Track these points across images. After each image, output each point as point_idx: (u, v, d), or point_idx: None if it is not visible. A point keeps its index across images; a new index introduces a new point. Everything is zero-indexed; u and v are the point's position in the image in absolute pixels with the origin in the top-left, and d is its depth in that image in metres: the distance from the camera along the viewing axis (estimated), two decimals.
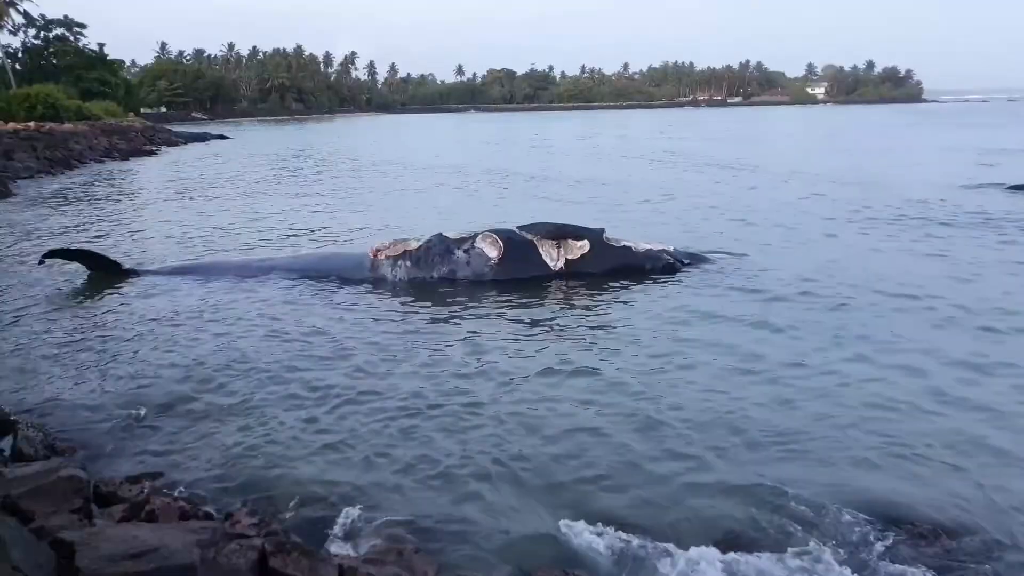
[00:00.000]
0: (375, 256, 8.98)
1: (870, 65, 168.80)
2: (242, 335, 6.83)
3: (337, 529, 3.71)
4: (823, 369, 5.77)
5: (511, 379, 5.66)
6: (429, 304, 7.90)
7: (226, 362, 6.11)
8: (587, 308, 7.73)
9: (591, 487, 4.14)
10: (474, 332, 6.92)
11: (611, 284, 8.52)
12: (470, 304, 7.87)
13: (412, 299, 8.11)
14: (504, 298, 8.05)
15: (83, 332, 7.08)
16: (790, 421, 4.87)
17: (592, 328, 7.03)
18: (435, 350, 6.39)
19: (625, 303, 7.90)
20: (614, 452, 4.50)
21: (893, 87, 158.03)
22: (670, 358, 6.07)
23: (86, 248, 9.62)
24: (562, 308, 7.72)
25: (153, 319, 7.43)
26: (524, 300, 7.94)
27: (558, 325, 7.13)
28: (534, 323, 7.18)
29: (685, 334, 6.70)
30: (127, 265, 9.43)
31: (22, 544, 2.79)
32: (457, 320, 7.36)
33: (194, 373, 5.87)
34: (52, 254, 9.22)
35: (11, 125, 29.43)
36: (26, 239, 12.12)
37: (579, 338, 6.74)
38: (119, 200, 17.98)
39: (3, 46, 57.48)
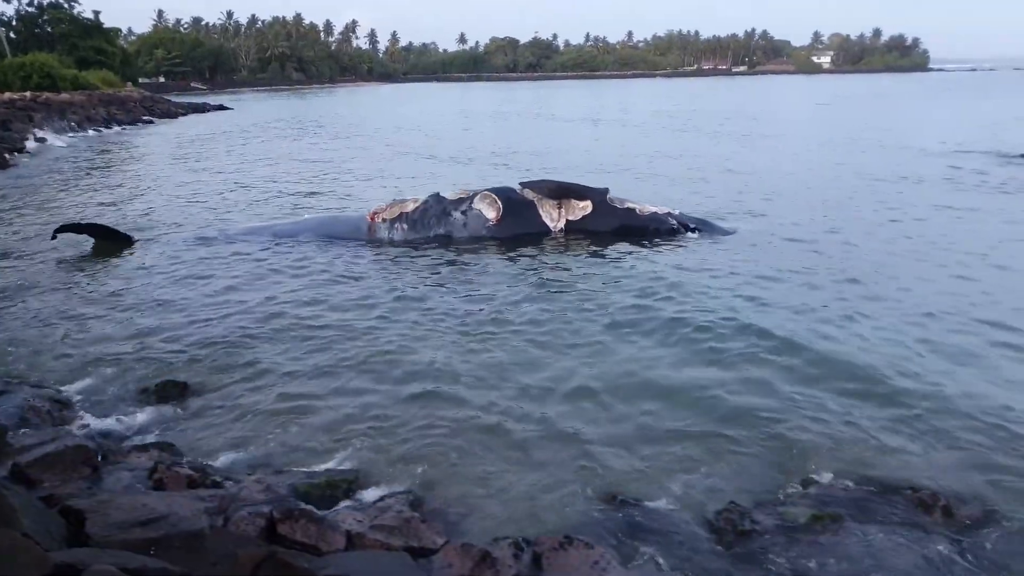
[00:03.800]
0: (372, 220, 8.91)
1: (877, 33, 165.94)
2: (244, 302, 6.86)
3: (345, 497, 3.73)
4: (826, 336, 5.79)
5: (526, 347, 5.70)
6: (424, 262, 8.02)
7: (228, 330, 6.13)
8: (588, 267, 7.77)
9: (591, 453, 4.15)
10: (470, 291, 6.97)
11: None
12: (464, 261, 7.97)
13: (409, 258, 8.19)
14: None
15: (92, 301, 7.13)
16: (796, 388, 4.89)
17: (593, 288, 7.06)
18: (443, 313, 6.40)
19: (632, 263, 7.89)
20: (619, 420, 4.52)
21: (899, 56, 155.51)
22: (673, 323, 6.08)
23: (96, 222, 9.67)
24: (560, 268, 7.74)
25: (160, 286, 7.50)
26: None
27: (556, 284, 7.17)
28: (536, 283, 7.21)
29: (686, 299, 6.70)
30: (136, 237, 9.49)
31: (32, 512, 2.81)
32: (452, 278, 7.41)
33: (197, 341, 5.89)
34: (64, 229, 9.19)
35: (7, 95, 28.97)
36: (34, 209, 12.18)
37: (579, 295, 6.75)
38: (123, 171, 17.89)
39: None
